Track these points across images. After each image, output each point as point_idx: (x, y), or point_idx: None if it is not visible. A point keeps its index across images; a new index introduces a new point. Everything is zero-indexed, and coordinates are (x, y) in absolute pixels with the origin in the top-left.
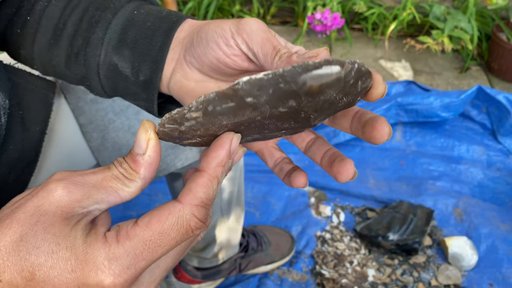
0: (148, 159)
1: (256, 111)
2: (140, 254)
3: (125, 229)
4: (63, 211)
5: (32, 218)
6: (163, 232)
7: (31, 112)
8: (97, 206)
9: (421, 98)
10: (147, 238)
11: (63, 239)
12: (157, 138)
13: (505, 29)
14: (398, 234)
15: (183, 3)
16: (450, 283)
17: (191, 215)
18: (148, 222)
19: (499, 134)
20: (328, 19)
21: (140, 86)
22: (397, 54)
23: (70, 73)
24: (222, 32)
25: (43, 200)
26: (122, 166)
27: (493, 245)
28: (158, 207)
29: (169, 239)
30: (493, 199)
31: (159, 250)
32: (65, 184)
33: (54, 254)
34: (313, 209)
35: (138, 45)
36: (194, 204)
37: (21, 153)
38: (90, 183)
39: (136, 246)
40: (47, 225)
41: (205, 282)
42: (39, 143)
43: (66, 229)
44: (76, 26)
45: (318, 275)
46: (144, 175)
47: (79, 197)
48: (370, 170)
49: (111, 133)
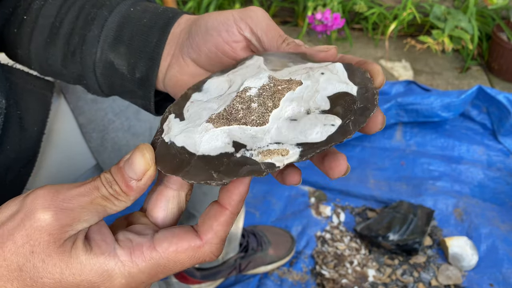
0: (142, 187)
1: None
2: (155, 275)
3: (140, 249)
4: (55, 238)
5: (25, 249)
6: (178, 262)
7: (29, 112)
8: (86, 225)
9: (421, 98)
10: (162, 264)
11: (66, 268)
12: (154, 168)
13: (506, 29)
14: (398, 234)
15: (183, 3)
16: (450, 283)
17: (209, 252)
18: (166, 249)
19: (500, 134)
20: (328, 19)
21: (136, 83)
22: (397, 54)
23: (66, 72)
24: (224, 19)
25: (31, 229)
26: (112, 188)
27: (494, 245)
28: (177, 231)
29: (182, 267)
30: (493, 199)
31: (169, 272)
32: (53, 212)
33: (63, 281)
34: (313, 209)
35: (134, 42)
36: (214, 243)
37: (19, 153)
38: (78, 206)
39: (151, 268)
40: (45, 256)
41: (205, 282)
42: (37, 144)
43: (64, 257)
44: (73, 24)
45: (318, 275)
46: (135, 197)
47: (70, 222)
48: (370, 170)
49: (111, 133)
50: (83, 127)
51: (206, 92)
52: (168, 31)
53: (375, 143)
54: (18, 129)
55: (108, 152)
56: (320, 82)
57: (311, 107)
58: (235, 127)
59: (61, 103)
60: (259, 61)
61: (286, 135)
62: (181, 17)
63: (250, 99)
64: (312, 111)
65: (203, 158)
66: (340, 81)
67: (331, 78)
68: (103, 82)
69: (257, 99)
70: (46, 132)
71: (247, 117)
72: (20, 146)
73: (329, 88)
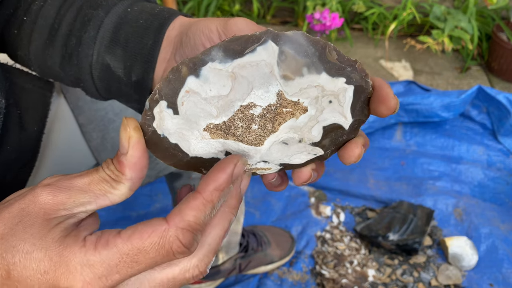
0: (131, 159)
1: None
2: (115, 266)
3: (107, 237)
4: (46, 212)
5: (15, 219)
6: (142, 249)
7: (29, 112)
8: (82, 209)
9: (421, 98)
10: (125, 252)
11: (40, 240)
12: (138, 135)
13: (506, 29)
14: (398, 234)
15: (183, 3)
16: (450, 283)
17: (175, 238)
18: (130, 235)
19: (499, 134)
20: (327, 19)
21: (132, 87)
22: (397, 54)
23: (64, 74)
24: (210, 33)
25: (28, 202)
26: (108, 168)
27: (493, 245)
28: (145, 221)
29: (147, 257)
30: (493, 199)
31: (135, 266)
32: (51, 189)
33: (28, 254)
34: (313, 209)
35: (129, 43)
36: (180, 226)
37: (19, 153)
38: (76, 187)
39: (112, 257)
40: (27, 225)
41: (205, 282)
42: (37, 143)
43: (44, 230)
44: (71, 25)
45: (318, 275)
46: (131, 176)
47: (64, 200)
48: (370, 170)
49: (111, 133)
50: (83, 126)
51: (204, 82)
52: (163, 33)
53: (375, 143)
54: (18, 128)
55: (108, 152)
56: (323, 112)
57: (304, 137)
58: (231, 141)
59: (61, 103)
60: (271, 59)
61: (274, 156)
62: (176, 18)
63: (252, 119)
64: (304, 141)
65: (195, 159)
66: (341, 114)
67: (335, 110)
68: (100, 85)
69: (259, 121)
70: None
71: (244, 135)
72: (20, 146)
73: (329, 119)
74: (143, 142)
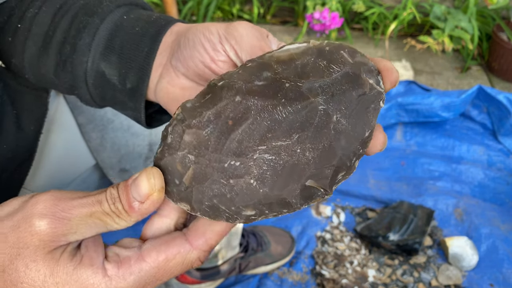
0: (144, 211)
1: (232, 90)
2: (143, 286)
3: (129, 262)
4: (46, 244)
5: (13, 250)
6: (167, 270)
7: (25, 112)
8: (80, 237)
9: (422, 98)
10: (152, 274)
11: (50, 276)
12: (160, 198)
13: (506, 29)
14: (399, 234)
15: (183, 3)
16: (450, 283)
17: (197, 259)
18: (156, 259)
19: (500, 134)
20: (326, 19)
21: (127, 94)
22: (397, 54)
23: (59, 81)
24: (210, 35)
25: (24, 232)
26: (114, 205)
27: (494, 245)
28: (165, 237)
29: (170, 275)
30: (493, 199)
31: (159, 282)
32: (49, 220)
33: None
34: (313, 209)
35: (125, 51)
36: (203, 249)
37: (15, 152)
38: (76, 218)
39: (140, 280)
40: (29, 261)
41: (205, 283)
42: (34, 143)
43: (51, 264)
44: (65, 33)
45: (318, 275)
46: (136, 219)
47: (64, 232)
48: (370, 170)
49: (110, 133)
50: (82, 126)
51: None
52: (159, 40)
53: None
54: (15, 128)
55: (108, 152)
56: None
57: None
58: None
59: (60, 103)
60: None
61: None
62: (173, 25)
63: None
64: None
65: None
66: None
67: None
68: (94, 92)
69: None
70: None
71: None
72: (17, 145)
73: None
74: (160, 198)
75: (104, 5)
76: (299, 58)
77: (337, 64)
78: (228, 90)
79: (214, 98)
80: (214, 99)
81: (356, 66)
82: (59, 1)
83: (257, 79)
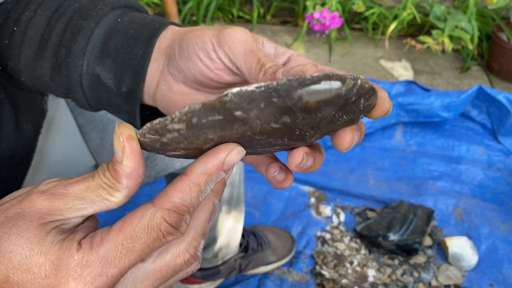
0: (126, 169)
1: (246, 126)
2: (112, 260)
3: (100, 235)
4: (41, 216)
5: (9, 223)
6: (134, 236)
7: (23, 112)
8: (78, 214)
9: (422, 98)
10: (119, 242)
11: (38, 244)
12: (132, 146)
13: (506, 29)
14: (399, 234)
15: (183, 3)
16: (450, 283)
17: (162, 219)
18: (121, 226)
19: (500, 134)
20: (326, 19)
21: (122, 97)
22: (397, 54)
23: (54, 85)
24: (203, 44)
25: (24, 207)
26: (105, 175)
27: (494, 245)
28: (134, 209)
29: (140, 243)
30: (493, 199)
31: (131, 255)
32: (47, 195)
33: (28, 259)
34: (313, 209)
35: (119, 54)
36: (166, 207)
37: (13, 151)
38: (72, 193)
39: (108, 251)
40: (22, 230)
41: (205, 282)
42: (33, 143)
43: (41, 234)
44: (61, 36)
45: (318, 275)
46: (127, 185)
47: (61, 206)
48: (370, 170)
49: (110, 133)
50: (82, 127)
51: None
52: (153, 43)
53: (375, 143)
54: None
55: (107, 152)
56: None
57: None
58: None
59: (60, 103)
60: None
61: None
62: (166, 29)
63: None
64: None
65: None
66: None
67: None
68: (90, 96)
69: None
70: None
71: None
72: (15, 144)
73: None
74: (139, 150)
75: (98, 8)
76: (324, 109)
77: (348, 114)
78: (242, 124)
79: (225, 127)
80: (224, 126)
81: (361, 112)
82: (54, 4)
83: (275, 122)
